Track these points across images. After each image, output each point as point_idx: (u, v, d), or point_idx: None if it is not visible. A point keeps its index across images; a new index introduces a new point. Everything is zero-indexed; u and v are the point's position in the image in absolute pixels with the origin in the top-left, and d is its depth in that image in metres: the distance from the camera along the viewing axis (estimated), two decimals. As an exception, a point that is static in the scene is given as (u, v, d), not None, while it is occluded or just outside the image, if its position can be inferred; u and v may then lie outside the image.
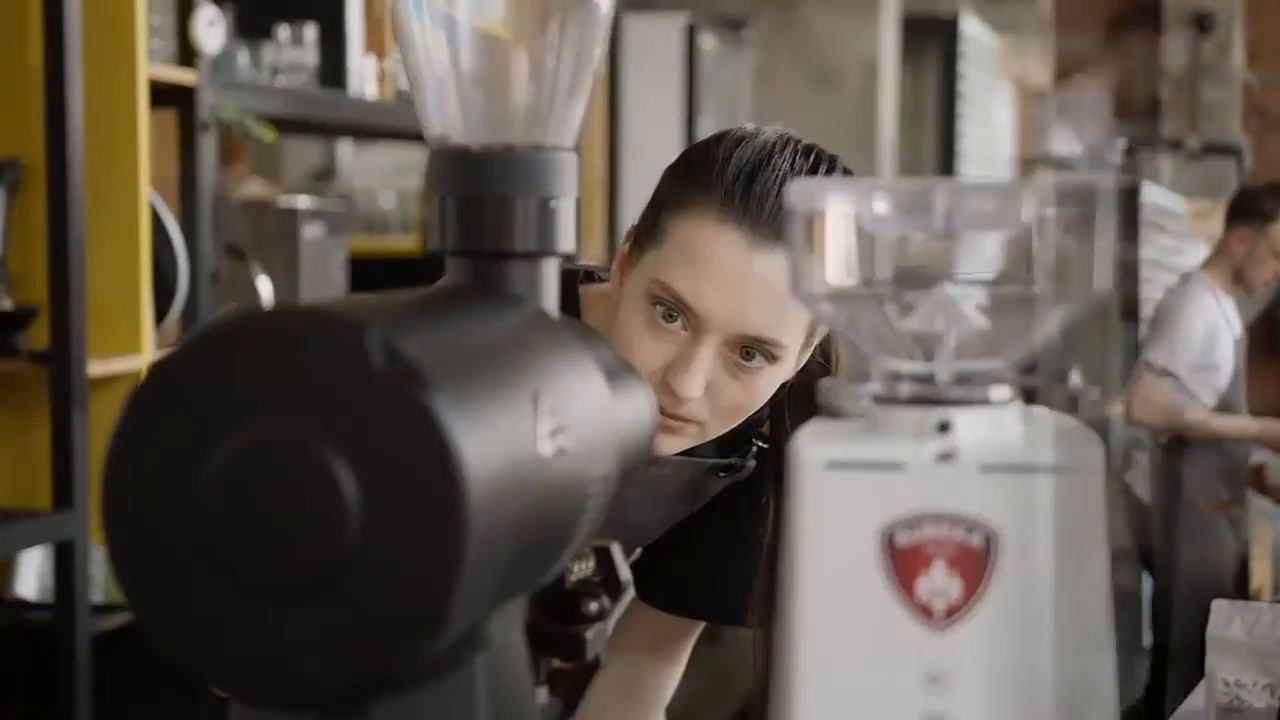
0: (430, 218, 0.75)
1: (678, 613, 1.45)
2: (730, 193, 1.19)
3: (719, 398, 1.21)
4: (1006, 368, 0.68)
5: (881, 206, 0.67)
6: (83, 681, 2.28)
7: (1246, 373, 4.28)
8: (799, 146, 1.22)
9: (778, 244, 1.17)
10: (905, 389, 0.67)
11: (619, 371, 0.81)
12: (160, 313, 2.54)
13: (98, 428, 2.34)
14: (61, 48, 2.28)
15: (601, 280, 1.36)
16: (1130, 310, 6.72)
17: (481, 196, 0.74)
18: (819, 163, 1.23)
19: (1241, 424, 4.15)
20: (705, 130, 6.02)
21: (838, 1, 5.43)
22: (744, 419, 1.25)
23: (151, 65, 2.49)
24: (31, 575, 2.37)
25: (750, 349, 1.20)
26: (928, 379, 0.68)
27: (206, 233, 2.66)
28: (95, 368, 2.33)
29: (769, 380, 1.22)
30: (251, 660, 0.59)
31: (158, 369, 0.61)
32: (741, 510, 1.36)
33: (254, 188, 3.73)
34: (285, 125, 3.16)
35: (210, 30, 2.58)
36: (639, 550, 1.45)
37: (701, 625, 1.48)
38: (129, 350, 2.44)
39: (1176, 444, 4.17)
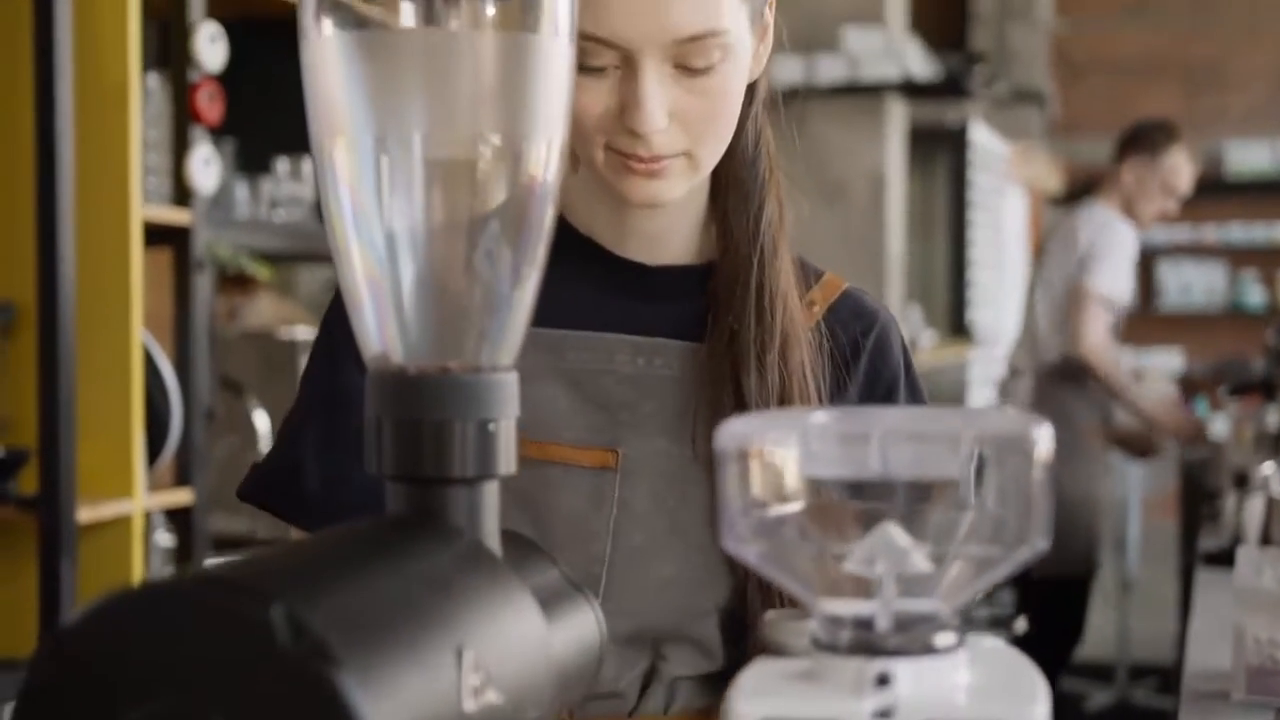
0: (367, 440, 0.73)
1: None
2: None
3: (689, 118, 1.10)
4: (951, 612, 0.66)
5: (816, 447, 0.65)
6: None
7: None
8: None
9: None
10: (845, 636, 0.65)
11: (561, 593, 0.79)
12: (153, 454, 2.53)
13: (87, 576, 2.32)
14: (54, 190, 2.29)
15: None
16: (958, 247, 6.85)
17: (419, 420, 0.72)
18: None
19: (1151, 406, 4.19)
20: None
21: (845, 116, 5.46)
22: (730, 131, 1.13)
23: (147, 206, 2.49)
24: (19, 723, 2.33)
25: (693, 56, 1.08)
26: (868, 623, 0.65)
27: (201, 371, 2.65)
28: (85, 513, 2.31)
29: (730, 77, 1.11)
30: None
31: (56, 639, 0.59)
32: None
33: (265, 304, 3.72)
34: (287, 255, 3.17)
35: (205, 169, 2.59)
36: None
37: None
38: (120, 495, 2.43)
39: (1059, 370, 4.17)
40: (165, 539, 2.84)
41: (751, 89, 1.19)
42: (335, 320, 1.22)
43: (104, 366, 2.41)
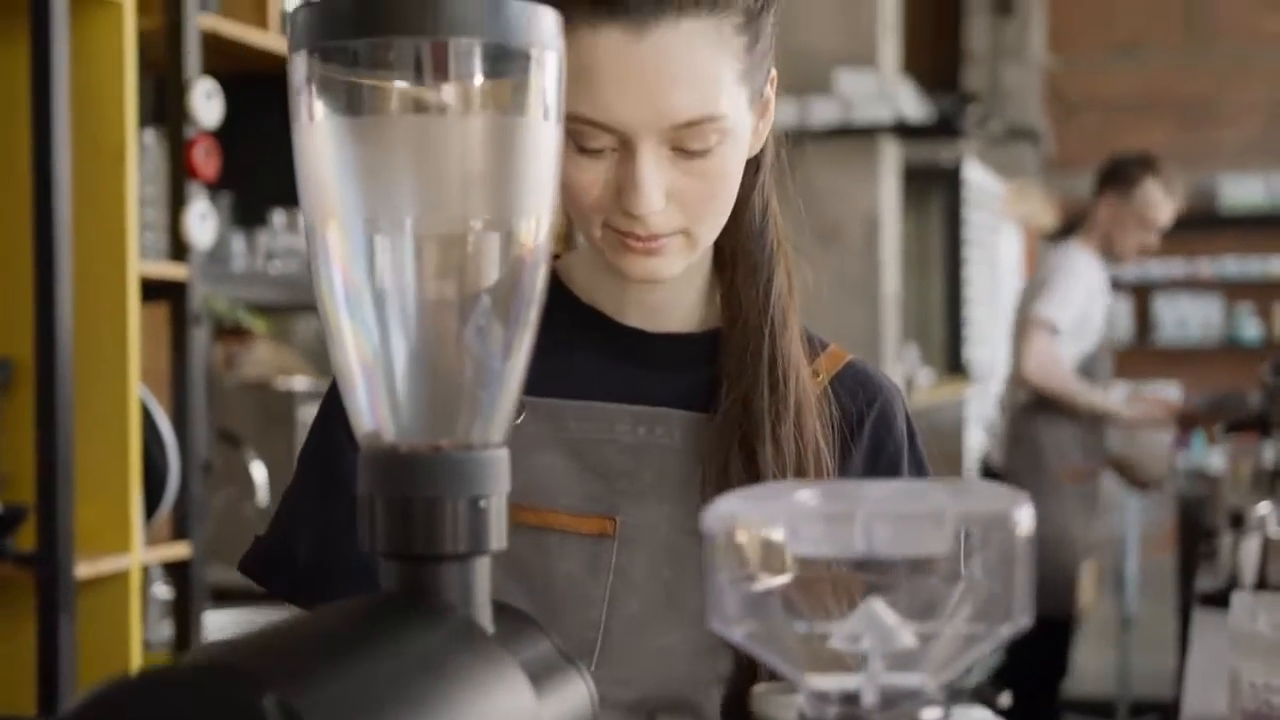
0: (360, 518, 0.74)
1: None
2: None
3: (686, 199, 1.11)
4: (937, 686, 0.67)
5: (802, 527, 0.66)
6: None
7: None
8: None
9: (663, 16, 1.06)
10: (832, 711, 0.66)
11: (553, 665, 0.79)
12: (151, 508, 2.54)
13: (85, 631, 2.32)
14: (52, 246, 2.30)
15: None
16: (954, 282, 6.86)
17: (411, 498, 0.73)
18: None
19: (1115, 404, 4.18)
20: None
21: (839, 158, 5.48)
22: (729, 209, 1.14)
23: (144, 261, 2.51)
24: (18, 780, 2.33)
25: (690, 140, 1.09)
26: (855, 698, 0.66)
27: (199, 424, 2.66)
28: (83, 569, 2.32)
29: (728, 159, 1.12)
30: None
31: (56, 727, 0.60)
32: None
33: (263, 352, 3.73)
34: (283, 307, 3.18)
35: (202, 224, 2.61)
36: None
37: None
38: (118, 550, 2.43)
39: (1033, 408, 4.17)
40: (163, 591, 2.85)
41: (756, 161, 1.20)
42: (334, 400, 1.23)
43: (101, 422, 2.42)
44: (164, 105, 2.67)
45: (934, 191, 7.09)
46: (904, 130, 5.64)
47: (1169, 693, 5.13)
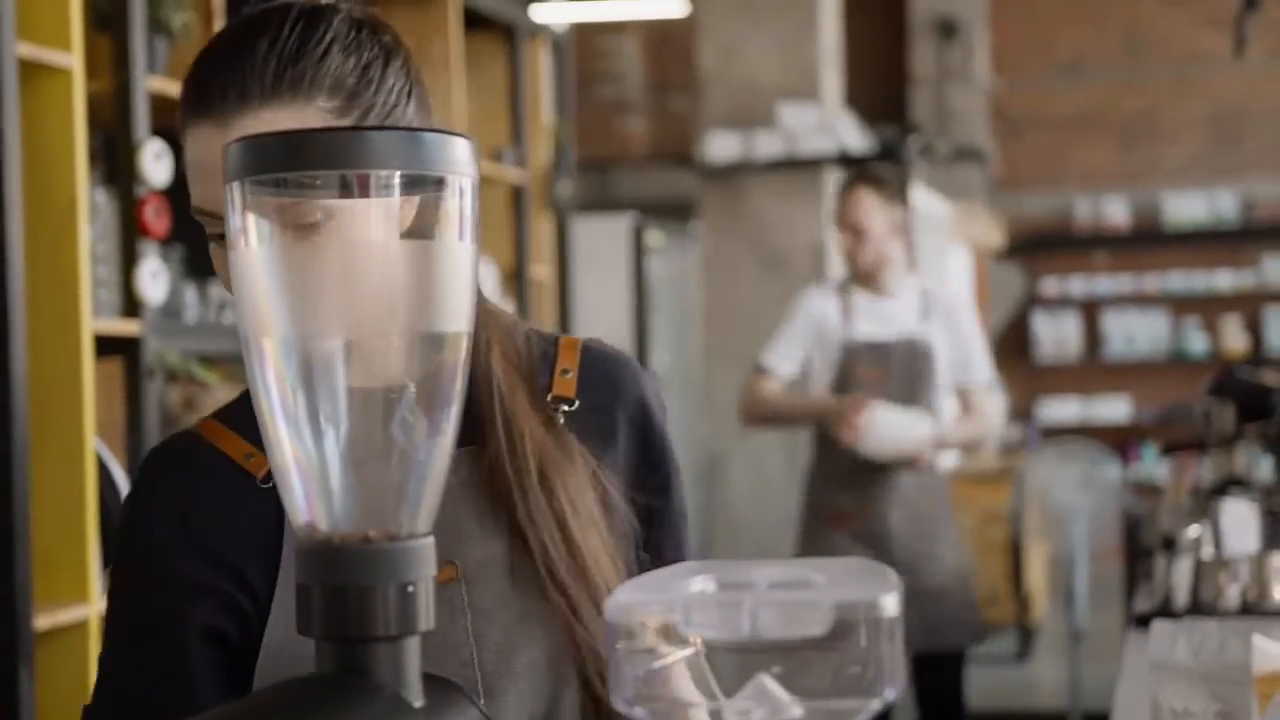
0: (299, 604, 0.81)
1: None
2: (200, 93, 1.16)
3: None
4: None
5: (695, 615, 0.73)
6: None
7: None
8: (264, 15, 1.17)
9: (245, 108, 1.14)
10: (725, 778, 0.73)
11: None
12: (109, 559, 2.59)
13: (45, 683, 2.37)
14: (6, 305, 2.35)
15: None
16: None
17: (345, 587, 0.80)
18: (291, 20, 1.17)
19: (802, 401, 4.07)
20: (655, 323, 6.18)
21: (783, 190, 5.57)
22: None
23: (97, 319, 2.56)
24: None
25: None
26: (747, 765, 0.73)
27: (153, 475, 2.71)
28: (41, 621, 2.37)
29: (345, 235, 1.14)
30: None
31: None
32: None
33: (222, 396, 3.76)
34: (237, 357, 3.23)
35: (154, 281, 2.67)
36: None
37: None
38: (76, 600, 2.48)
39: (811, 458, 4.13)
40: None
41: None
42: (152, 517, 1.25)
43: (57, 476, 2.47)
44: (114, 165, 2.73)
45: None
46: (847, 161, 5.74)
47: (1120, 706, 5.20)
